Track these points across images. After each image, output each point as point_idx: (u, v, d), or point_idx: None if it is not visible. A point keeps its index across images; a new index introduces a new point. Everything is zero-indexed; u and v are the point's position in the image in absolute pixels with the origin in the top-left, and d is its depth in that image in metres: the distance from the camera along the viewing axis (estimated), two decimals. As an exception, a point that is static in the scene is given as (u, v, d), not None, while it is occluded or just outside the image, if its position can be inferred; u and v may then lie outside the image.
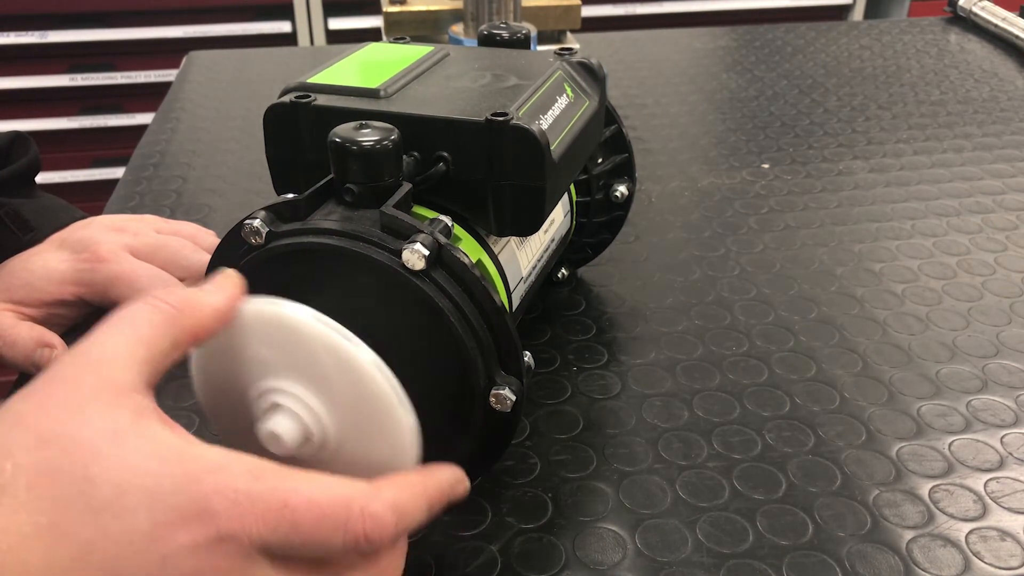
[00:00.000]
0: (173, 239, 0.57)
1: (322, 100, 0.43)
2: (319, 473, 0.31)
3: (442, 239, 0.37)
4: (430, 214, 0.42)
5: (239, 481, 0.28)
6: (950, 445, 0.47)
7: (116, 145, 1.92)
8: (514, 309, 0.47)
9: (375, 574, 0.32)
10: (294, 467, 0.30)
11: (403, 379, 0.40)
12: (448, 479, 0.35)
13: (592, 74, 0.50)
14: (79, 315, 0.55)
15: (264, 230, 0.38)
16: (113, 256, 0.54)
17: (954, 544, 0.41)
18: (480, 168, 0.42)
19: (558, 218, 0.53)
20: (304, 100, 0.43)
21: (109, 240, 0.55)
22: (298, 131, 0.43)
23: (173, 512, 0.27)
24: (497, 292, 0.38)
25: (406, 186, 0.39)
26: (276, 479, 0.29)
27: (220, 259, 0.40)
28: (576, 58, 0.50)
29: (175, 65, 1.09)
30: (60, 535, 0.26)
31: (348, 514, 0.30)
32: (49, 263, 0.54)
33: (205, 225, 0.61)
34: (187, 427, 0.47)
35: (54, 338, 0.52)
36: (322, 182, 0.40)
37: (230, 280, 0.35)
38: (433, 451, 0.42)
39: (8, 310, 0.52)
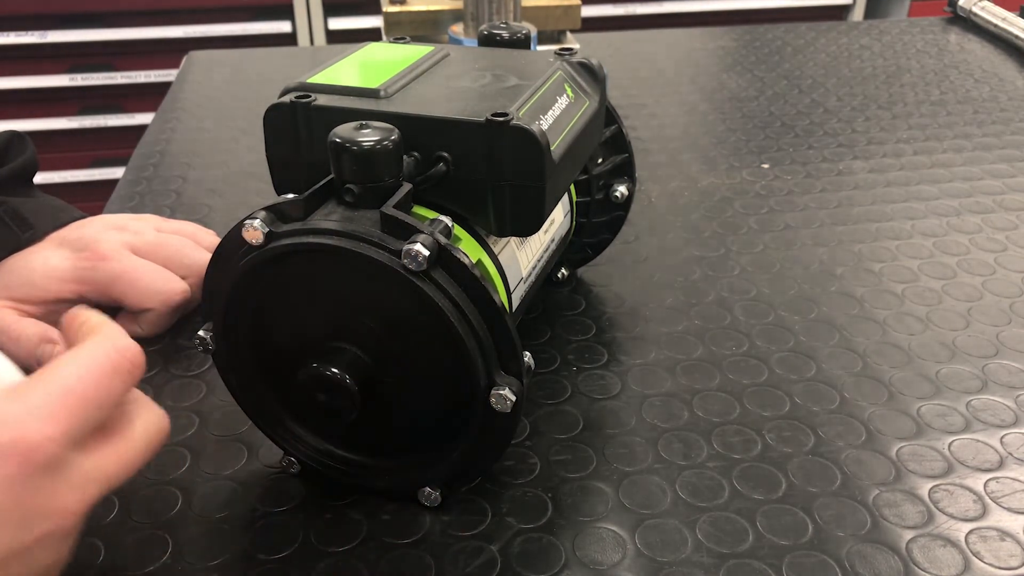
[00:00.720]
0: (174, 238, 0.57)
1: (322, 100, 0.43)
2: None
3: (442, 239, 0.37)
4: (430, 214, 0.42)
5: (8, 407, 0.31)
6: (950, 445, 0.47)
7: (116, 145, 1.92)
8: (514, 309, 0.47)
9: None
10: None
11: (403, 379, 0.40)
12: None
13: (592, 74, 0.50)
14: None
15: (264, 230, 0.38)
16: (114, 254, 0.54)
17: (954, 544, 0.41)
18: (480, 168, 0.42)
19: (558, 218, 0.53)
20: (304, 100, 0.43)
21: (110, 238, 0.55)
22: (298, 131, 0.43)
23: None
24: (497, 292, 0.38)
25: (406, 186, 0.39)
26: (42, 381, 0.32)
27: (220, 259, 0.40)
28: (576, 58, 0.50)
29: (175, 65, 1.09)
30: None
31: (114, 356, 0.34)
32: (50, 261, 0.54)
33: (205, 225, 0.61)
34: (186, 427, 0.48)
35: (56, 334, 0.52)
36: (322, 182, 0.40)
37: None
38: (434, 451, 0.42)
39: (9, 307, 0.52)
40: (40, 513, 0.31)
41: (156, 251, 0.55)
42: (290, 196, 0.39)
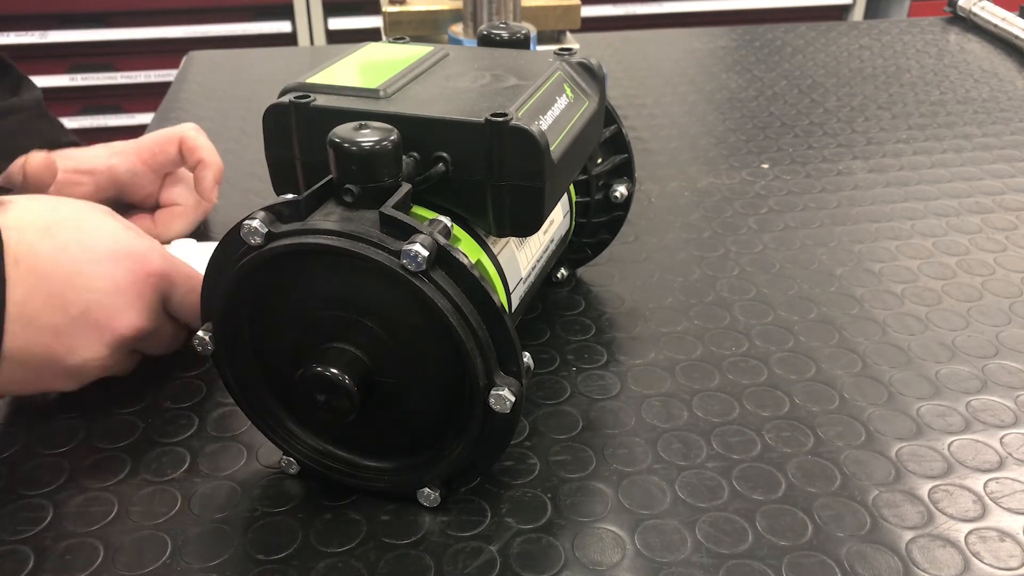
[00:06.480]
0: None
1: (321, 100, 0.43)
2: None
3: (442, 239, 0.37)
4: (430, 214, 0.42)
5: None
6: (950, 445, 0.47)
7: (116, 145, 1.92)
8: (513, 310, 0.47)
9: None
10: None
11: (402, 379, 0.40)
12: None
13: (592, 74, 0.50)
14: None
15: (263, 230, 0.38)
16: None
17: (953, 545, 0.41)
18: (480, 168, 0.42)
19: (558, 218, 0.53)
20: (303, 100, 0.43)
21: None
22: (297, 131, 0.43)
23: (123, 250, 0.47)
24: (496, 293, 0.38)
25: (406, 186, 0.39)
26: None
27: (220, 259, 0.40)
28: (576, 58, 0.50)
29: (175, 65, 1.09)
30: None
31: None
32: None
33: (205, 225, 0.61)
34: (187, 427, 0.48)
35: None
36: (322, 182, 0.40)
37: None
38: (433, 451, 0.42)
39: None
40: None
41: None
42: (289, 196, 0.39)
